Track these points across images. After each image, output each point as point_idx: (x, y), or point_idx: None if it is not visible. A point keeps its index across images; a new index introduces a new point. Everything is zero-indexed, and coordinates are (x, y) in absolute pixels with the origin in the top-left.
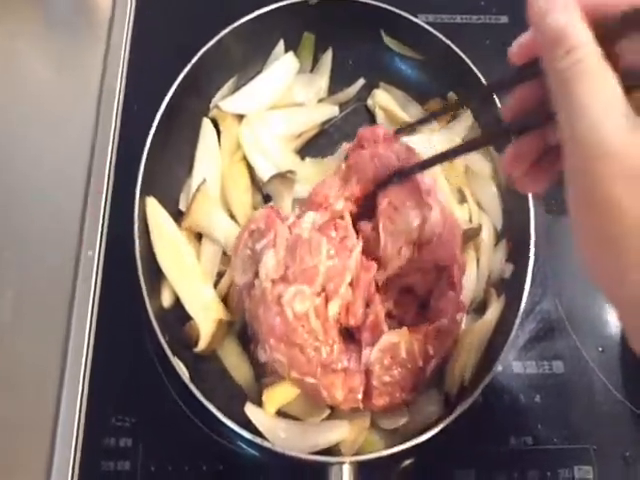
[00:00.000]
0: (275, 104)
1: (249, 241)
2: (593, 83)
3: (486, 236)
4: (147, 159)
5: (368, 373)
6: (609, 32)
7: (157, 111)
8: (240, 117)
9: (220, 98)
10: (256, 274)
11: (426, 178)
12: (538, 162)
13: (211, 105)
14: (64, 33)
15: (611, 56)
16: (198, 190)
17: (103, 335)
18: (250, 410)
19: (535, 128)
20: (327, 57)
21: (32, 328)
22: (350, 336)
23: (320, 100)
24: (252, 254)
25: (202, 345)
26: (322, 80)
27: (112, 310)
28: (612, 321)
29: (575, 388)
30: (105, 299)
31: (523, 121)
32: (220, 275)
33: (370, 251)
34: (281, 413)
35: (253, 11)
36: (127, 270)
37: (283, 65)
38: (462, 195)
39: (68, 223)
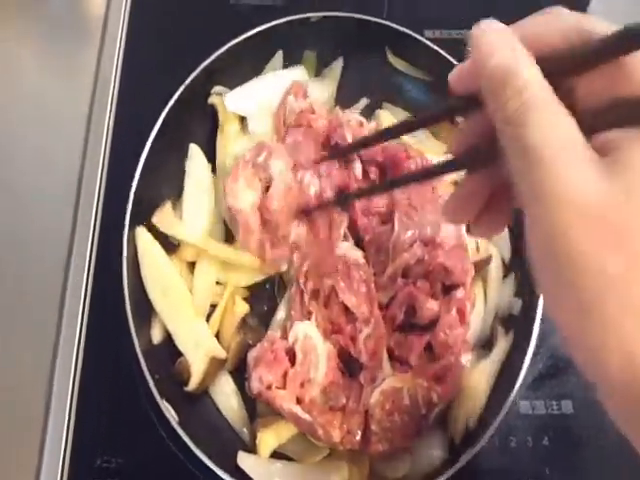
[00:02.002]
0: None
1: (248, 164)
2: (546, 127)
3: (494, 268)
4: (137, 187)
5: (368, 416)
6: (559, 66)
7: (150, 127)
8: None
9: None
10: (267, 188)
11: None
12: (489, 204)
13: (212, 91)
14: (58, 38)
15: (565, 95)
16: None
17: (90, 371)
18: (242, 459)
19: (485, 165)
20: (338, 64)
21: (16, 366)
22: (350, 371)
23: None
24: (255, 170)
25: (193, 384)
26: (331, 86)
27: (100, 346)
28: None
29: (585, 429)
30: (93, 334)
31: (471, 157)
32: (212, 306)
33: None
34: (276, 454)
35: (253, 27)
36: (116, 303)
37: (292, 70)
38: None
39: (55, 251)
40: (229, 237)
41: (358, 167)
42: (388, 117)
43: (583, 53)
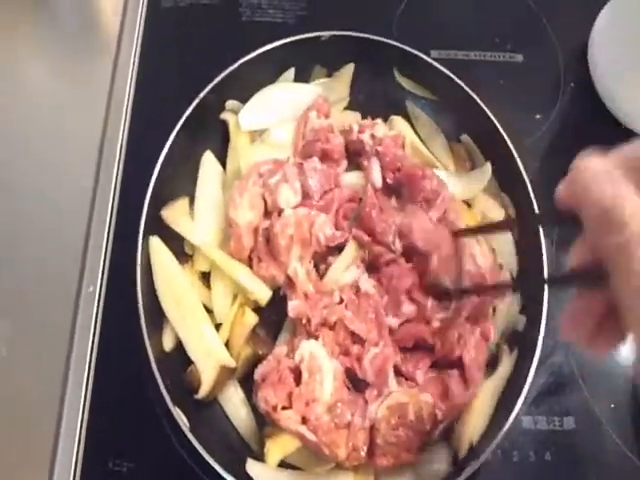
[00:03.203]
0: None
1: (259, 180)
2: None
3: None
4: (151, 197)
5: (373, 430)
6: None
7: (164, 139)
8: None
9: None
10: (265, 211)
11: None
12: (604, 323)
13: (227, 105)
14: (73, 52)
15: None
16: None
17: (103, 377)
18: (251, 467)
19: (596, 285)
20: (349, 67)
21: (29, 369)
22: (355, 386)
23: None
24: (264, 190)
25: (203, 392)
26: (344, 88)
27: (113, 351)
28: (624, 376)
29: (586, 445)
30: (106, 341)
31: (586, 274)
32: None
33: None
34: (284, 463)
35: (265, 44)
36: (129, 311)
37: (305, 86)
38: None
39: (69, 260)
40: None
41: (377, 174)
42: (402, 123)
43: None
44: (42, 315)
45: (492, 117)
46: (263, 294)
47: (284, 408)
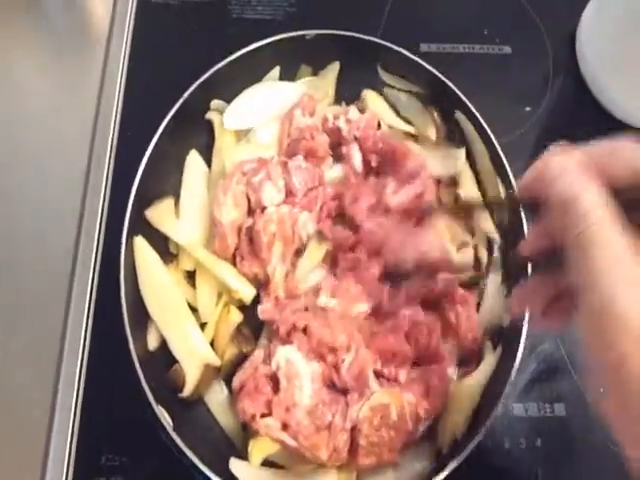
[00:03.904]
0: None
1: (243, 179)
2: (605, 252)
3: (492, 280)
4: (135, 198)
5: (355, 431)
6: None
7: (152, 133)
8: None
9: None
10: (249, 210)
11: None
12: (553, 303)
13: (211, 105)
14: (63, 51)
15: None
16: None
17: (94, 373)
18: (234, 465)
19: (551, 269)
20: (334, 65)
21: (23, 368)
22: (336, 389)
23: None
24: (247, 188)
25: (187, 391)
26: (329, 87)
27: (103, 349)
28: None
29: (577, 431)
30: (97, 338)
31: (540, 259)
32: None
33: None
34: (268, 462)
35: (251, 43)
36: (116, 310)
37: (290, 84)
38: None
39: (59, 260)
40: None
41: (357, 158)
42: (374, 98)
43: None
44: (34, 314)
45: (476, 113)
46: (248, 293)
47: (263, 415)
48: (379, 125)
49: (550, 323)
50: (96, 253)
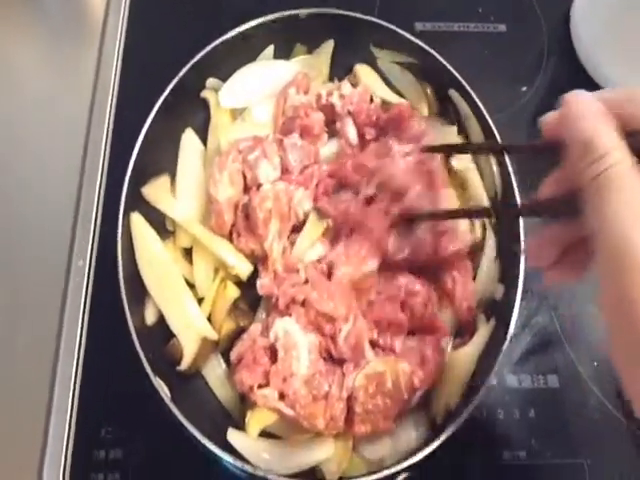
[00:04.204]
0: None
1: (239, 156)
2: (622, 194)
3: (489, 250)
4: (132, 175)
5: (351, 399)
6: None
7: (149, 113)
8: None
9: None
10: (245, 187)
11: None
12: (568, 253)
13: (207, 84)
14: (57, 37)
15: None
16: None
17: (94, 347)
18: (232, 436)
19: (567, 216)
20: (329, 44)
21: (22, 343)
22: (332, 359)
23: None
24: (243, 166)
25: (185, 364)
26: (324, 65)
27: (102, 322)
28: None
29: (570, 403)
30: (95, 312)
31: (555, 206)
32: None
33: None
34: (265, 433)
35: (245, 22)
36: (115, 284)
37: (284, 63)
38: None
39: (58, 239)
40: None
41: (352, 132)
42: (367, 71)
43: None
44: (33, 286)
45: (470, 90)
46: (244, 269)
47: (261, 386)
48: (371, 99)
49: (564, 274)
50: (94, 230)
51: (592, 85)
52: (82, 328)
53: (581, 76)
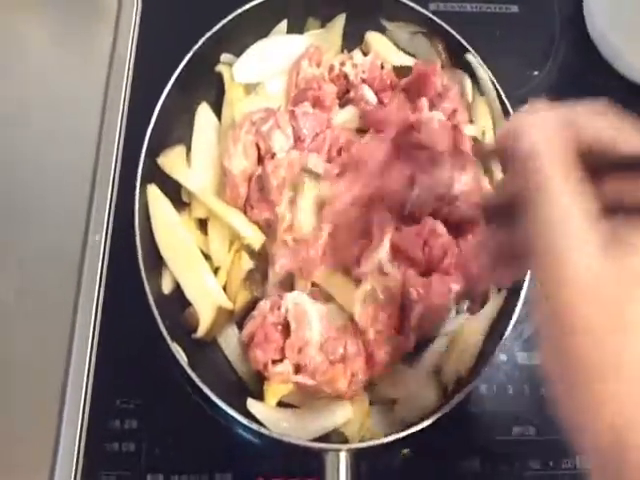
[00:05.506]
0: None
1: (252, 128)
2: (554, 209)
3: None
4: (148, 147)
5: (365, 339)
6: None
7: (164, 88)
8: None
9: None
10: (259, 159)
11: None
12: (505, 258)
13: (221, 59)
14: (73, 11)
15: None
16: None
17: (109, 318)
18: (252, 405)
19: (507, 221)
20: (341, 18)
21: (38, 314)
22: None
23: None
24: (257, 138)
25: (201, 331)
26: (337, 39)
27: (117, 294)
28: None
29: None
30: (111, 284)
31: (498, 210)
32: None
33: None
34: (282, 404)
35: None
36: (131, 255)
37: (297, 37)
38: None
39: (75, 208)
40: None
41: (370, 94)
42: (377, 38)
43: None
44: (50, 259)
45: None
46: (256, 238)
47: (275, 362)
48: (382, 67)
49: (500, 278)
50: (110, 201)
51: (605, 66)
52: (98, 298)
53: (594, 56)
